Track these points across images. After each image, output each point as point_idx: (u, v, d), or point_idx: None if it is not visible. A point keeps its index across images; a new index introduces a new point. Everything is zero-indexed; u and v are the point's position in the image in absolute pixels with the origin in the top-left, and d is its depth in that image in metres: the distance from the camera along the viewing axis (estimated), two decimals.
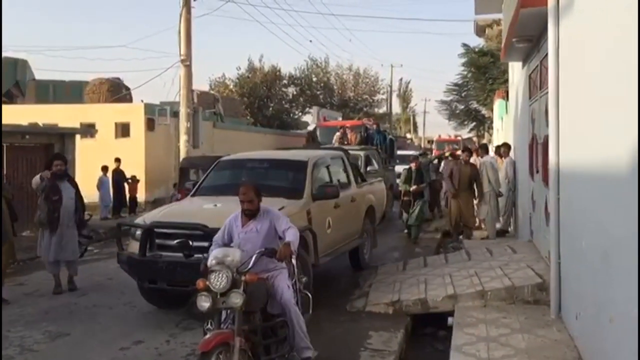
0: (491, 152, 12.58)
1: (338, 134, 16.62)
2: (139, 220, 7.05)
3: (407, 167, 13.96)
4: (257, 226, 4.91)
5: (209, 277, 4.27)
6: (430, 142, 49.69)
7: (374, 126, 17.76)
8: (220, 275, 4.23)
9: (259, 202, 4.95)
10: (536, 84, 8.29)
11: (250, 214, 4.92)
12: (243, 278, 4.31)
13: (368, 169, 13.63)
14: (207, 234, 5.80)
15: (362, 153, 14.29)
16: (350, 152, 14.39)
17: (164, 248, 6.49)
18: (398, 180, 22.87)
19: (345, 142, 15.72)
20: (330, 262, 9.46)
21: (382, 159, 15.63)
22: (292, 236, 4.72)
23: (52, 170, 7.97)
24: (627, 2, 3.37)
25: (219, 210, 6.56)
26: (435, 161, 17.02)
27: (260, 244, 4.79)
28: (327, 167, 8.15)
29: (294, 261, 4.98)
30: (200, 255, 5.42)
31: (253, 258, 4.49)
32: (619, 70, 3.62)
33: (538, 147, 8.00)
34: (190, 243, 5.89)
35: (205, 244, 5.48)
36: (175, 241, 6.15)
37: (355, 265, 8.95)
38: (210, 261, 4.40)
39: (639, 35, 3.10)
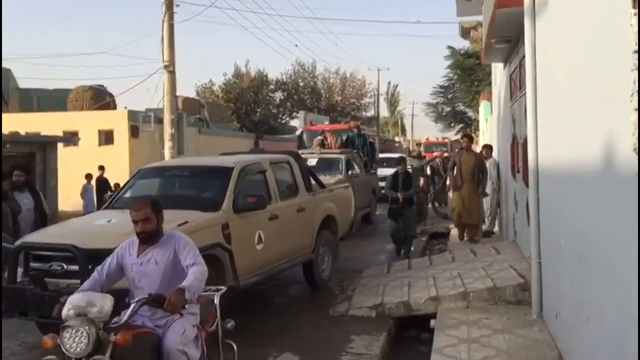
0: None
1: (318, 138, 16.18)
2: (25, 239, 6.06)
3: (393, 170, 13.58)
4: (156, 256, 3.75)
5: (61, 334, 3.05)
6: (419, 144, 49.82)
7: (355, 129, 17.21)
8: (78, 333, 3.02)
9: (159, 223, 3.81)
10: (516, 85, 8.31)
11: (147, 238, 3.76)
12: (112, 338, 3.10)
13: (350, 173, 13.27)
14: (78, 257, 5.10)
15: (342, 157, 13.96)
16: (331, 156, 13.98)
17: (47, 273, 5.46)
18: (382, 184, 22.86)
19: (326, 146, 15.40)
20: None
21: (364, 163, 15.32)
22: (192, 278, 3.57)
23: (13, 180, 7.68)
24: (598, 4, 3.37)
25: (106, 228, 5.78)
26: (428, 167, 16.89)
27: (160, 280, 3.70)
28: (264, 174, 7.08)
29: (193, 309, 3.74)
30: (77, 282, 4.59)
31: (129, 310, 3.35)
32: (593, 69, 3.62)
33: (519, 147, 8.02)
34: (62, 268, 5.26)
35: (76, 267, 5.00)
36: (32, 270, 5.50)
37: (310, 283, 8.03)
38: (67, 310, 3.16)
39: None
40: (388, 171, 22.79)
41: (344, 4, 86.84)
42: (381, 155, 26.12)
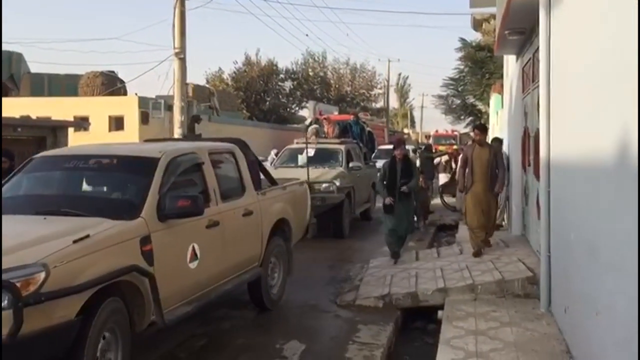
0: None
1: (313, 126, 14.71)
2: None
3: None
4: None
5: None
6: (428, 137, 49.69)
7: (352, 117, 15.94)
8: None
9: None
10: (529, 77, 8.25)
11: None
12: None
13: (350, 165, 12.20)
14: None
15: (342, 147, 12.66)
16: (330, 146, 12.69)
17: None
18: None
19: (323, 135, 14.05)
20: (319, 253, 9.65)
21: (363, 154, 14.08)
22: None
23: None
24: None
25: None
26: (438, 159, 16.72)
27: None
28: (200, 168, 5.52)
29: None
30: None
31: None
32: (609, 62, 3.58)
33: (530, 141, 7.97)
34: None
35: None
36: None
37: (258, 303, 6.54)
38: None
39: None
40: (382, 163, 22.68)
41: None
42: (389, 147, 26.04)
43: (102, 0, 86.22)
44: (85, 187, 5.43)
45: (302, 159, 12.30)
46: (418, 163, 13.24)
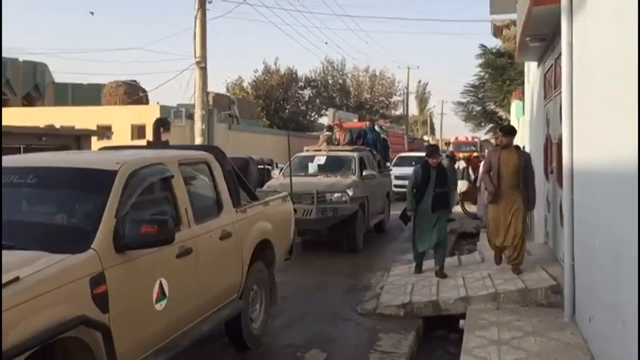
0: None
1: (325, 133, 14.15)
2: None
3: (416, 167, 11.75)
4: None
5: None
6: (448, 144, 49.42)
7: (368, 123, 15.14)
8: None
9: None
10: (551, 84, 8.18)
11: None
12: None
13: (364, 173, 11.48)
14: None
15: (355, 155, 11.93)
16: (342, 153, 12.07)
17: None
18: (399, 182, 22.04)
19: (335, 143, 13.39)
20: (339, 262, 9.65)
21: (377, 162, 13.36)
22: None
23: None
24: (633, 1, 3.29)
25: None
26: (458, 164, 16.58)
27: None
28: (169, 182, 4.45)
29: None
30: None
31: None
32: (632, 69, 3.54)
33: (552, 148, 7.89)
34: None
35: None
36: None
37: (236, 341, 5.50)
38: None
39: None
40: (403, 171, 22.51)
41: (376, 1, 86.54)
42: (409, 154, 25.88)
43: (125, 11, 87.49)
44: (19, 209, 4.11)
45: (312, 167, 11.90)
46: None
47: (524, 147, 11.98)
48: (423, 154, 28.46)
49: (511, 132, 7.66)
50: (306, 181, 10.79)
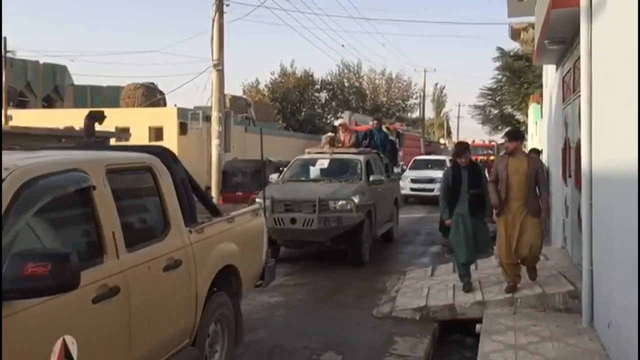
0: None
1: (328, 135, 12.90)
2: None
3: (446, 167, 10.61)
4: None
5: None
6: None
7: (375, 123, 13.81)
8: None
9: None
10: (569, 87, 8.11)
11: None
12: None
13: (371, 178, 10.48)
14: None
15: (361, 158, 10.85)
16: (347, 156, 11.03)
17: None
18: (415, 185, 21.57)
19: (338, 145, 12.10)
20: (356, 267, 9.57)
21: (385, 165, 12.25)
22: None
23: None
24: None
25: None
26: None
27: None
28: (88, 195, 3.30)
29: None
30: None
31: None
32: None
33: (571, 152, 7.82)
34: None
35: None
36: None
37: None
38: None
39: None
40: (419, 174, 21.80)
41: (392, 4, 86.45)
42: (425, 157, 25.77)
43: (144, 14, 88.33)
44: None
45: (314, 171, 10.92)
46: None
47: (541, 151, 11.93)
48: (440, 157, 28.29)
49: (517, 136, 6.97)
50: (307, 187, 10.06)
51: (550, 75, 11.15)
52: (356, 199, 9.48)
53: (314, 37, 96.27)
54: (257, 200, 9.17)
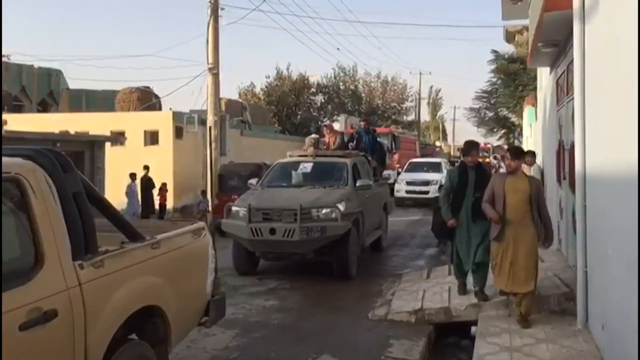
0: None
1: (312, 137, 11.94)
2: None
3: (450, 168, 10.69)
4: None
5: None
6: (460, 149, 49.25)
7: (362, 124, 12.89)
8: None
9: None
10: (563, 90, 8.15)
11: None
12: None
13: (358, 183, 9.69)
14: None
15: (347, 161, 10.08)
16: (331, 159, 10.30)
17: None
18: (410, 187, 21.46)
19: (324, 147, 11.42)
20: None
21: (373, 169, 11.57)
22: None
23: None
24: None
25: None
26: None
27: None
28: None
29: None
30: None
31: None
32: None
33: (565, 154, 7.85)
34: None
35: None
36: None
37: None
38: None
39: None
40: (414, 176, 21.47)
41: (388, 7, 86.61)
42: (420, 160, 25.65)
43: (139, 18, 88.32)
44: None
45: (296, 176, 10.12)
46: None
47: (535, 154, 11.97)
48: (435, 159, 28.13)
49: (521, 154, 6.27)
50: (288, 194, 9.27)
51: (545, 77, 11.20)
52: (342, 207, 8.70)
53: (310, 41, 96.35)
54: (234, 208, 8.97)
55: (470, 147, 6.97)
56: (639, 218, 3.68)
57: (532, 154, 11.44)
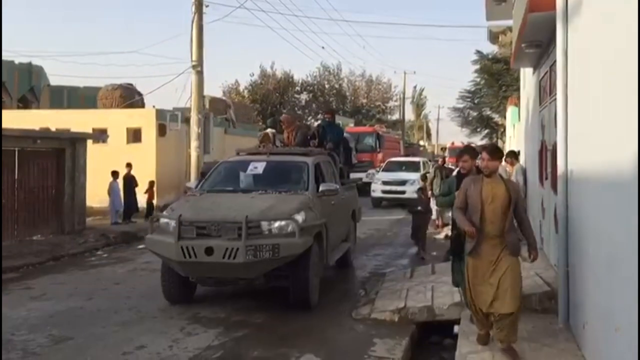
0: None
1: (267, 131, 10.74)
2: None
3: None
4: None
5: None
6: (444, 149, 49.56)
7: (326, 116, 10.84)
8: None
9: None
10: (546, 90, 8.21)
11: None
12: None
13: (321, 188, 7.91)
14: None
15: (308, 161, 8.27)
16: (289, 158, 8.52)
17: None
18: (385, 187, 20.99)
19: (281, 144, 9.96)
20: (335, 268, 9.47)
21: (340, 170, 9.71)
22: None
23: None
24: (632, 8, 3.31)
25: None
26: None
27: None
28: None
29: None
30: None
31: None
32: (624, 74, 3.56)
33: (547, 154, 7.91)
34: None
35: None
36: None
37: None
38: None
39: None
40: (391, 176, 20.56)
41: (372, 6, 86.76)
42: (399, 159, 24.86)
43: (121, 13, 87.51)
44: None
45: (245, 178, 8.29)
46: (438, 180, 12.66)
47: (519, 152, 12.06)
48: (414, 158, 27.68)
49: (497, 153, 5.28)
50: (232, 201, 7.38)
51: (528, 78, 11.29)
52: (300, 218, 6.95)
53: (294, 39, 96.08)
54: (162, 220, 7.20)
55: (461, 152, 6.30)
56: (618, 218, 3.72)
57: (514, 154, 11.53)
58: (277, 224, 6.83)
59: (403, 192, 19.50)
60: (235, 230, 6.67)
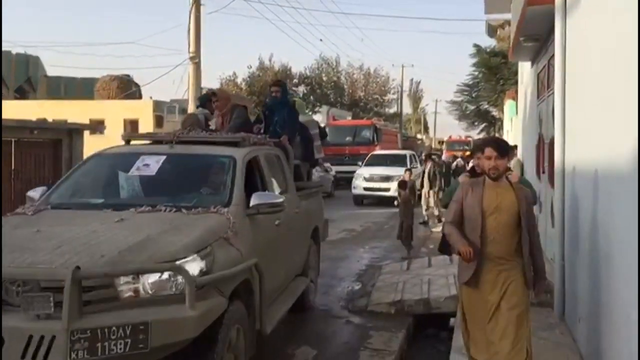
0: None
1: (192, 113, 8.66)
2: None
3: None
4: None
5: None
6: (441, 142, 49.62)
7: (274, 90, 7.39)
8: None
9: None
10: (544, 84, 8.21)
11: None
12: None
13: (253, 202, 4.70)
14: None
15: (236, 155, 5.12)
16: (205, 151, 5.33)
17: None
18: (367, 186, 18.56)
19: (212, 128, 6.62)
20: (334, 262, 9.52)
21: (295, 169, 6.73)
22: None
23: None
24: (629, 2, 3.30)
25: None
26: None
27: None
28: None
29: None
30: None
31: None
32: (623, 69, 3.55)
33: (545, 148, 7.92)
34: None
35: None
36: None
37: None
38: None
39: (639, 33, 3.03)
40: (374, 171, 18.36)
41: None
42: (383, 152, 22.29)
43: (120, 5, 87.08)
44: None
45: (128, 183, 5.03)
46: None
47: (516, 147, 12.06)
48: (400, 152, 26.89)
49: (507, 150, 4.06)
50: (79, 229, 3.93)
51: (526, 72, 11.28)
52: (197, 265, 3.70)
53: (292, 31, 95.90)
54: None
55: (477, 149, 4.72)
56: (616, 213, 3.72)
57: (512, 148, 11.54)
58: (148, 279, 3.51)
59: (387, 190, 17.78)
60: (50, 297, 3.29)
